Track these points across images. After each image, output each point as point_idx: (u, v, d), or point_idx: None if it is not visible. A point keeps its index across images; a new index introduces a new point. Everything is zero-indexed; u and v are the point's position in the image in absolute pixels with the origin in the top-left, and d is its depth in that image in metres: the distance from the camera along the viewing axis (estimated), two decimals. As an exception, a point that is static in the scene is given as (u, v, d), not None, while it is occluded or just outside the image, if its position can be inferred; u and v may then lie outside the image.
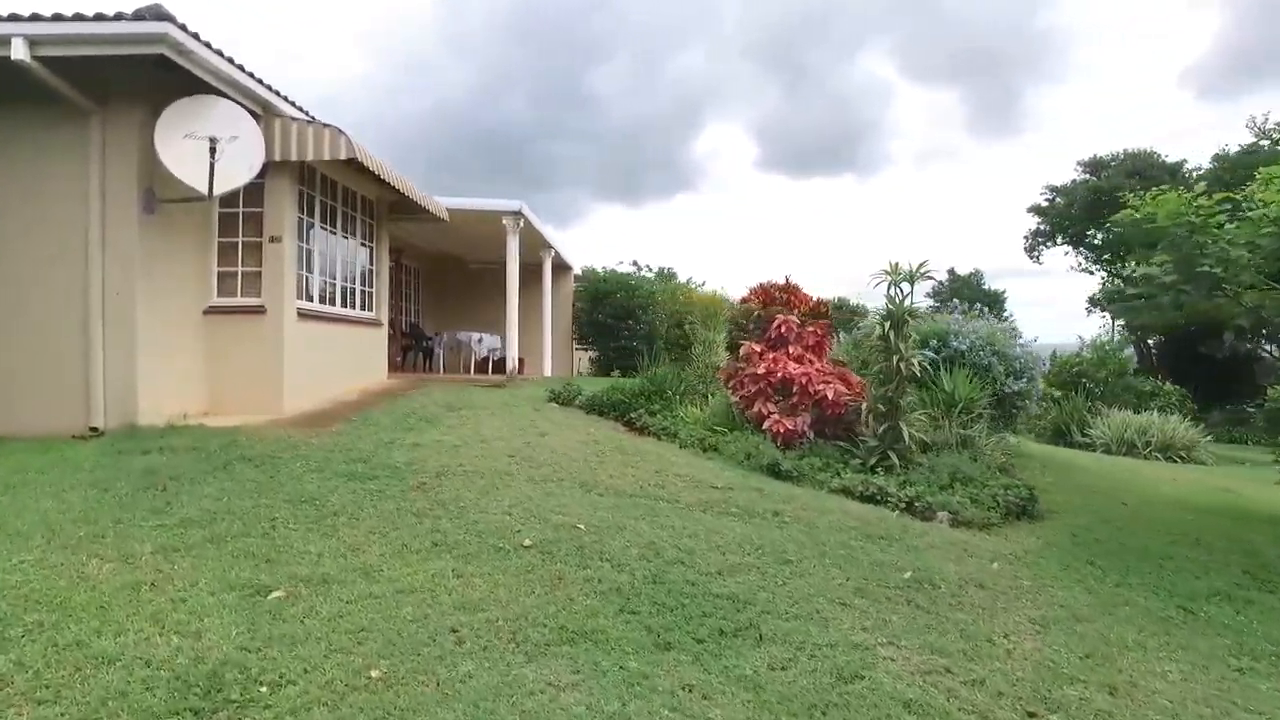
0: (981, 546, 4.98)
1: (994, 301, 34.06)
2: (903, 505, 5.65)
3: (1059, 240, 32.17)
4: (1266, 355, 27.36)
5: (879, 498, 5.79)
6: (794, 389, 7.04)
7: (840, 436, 7.14)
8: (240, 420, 6.86)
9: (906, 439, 6.37)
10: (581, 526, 4.55)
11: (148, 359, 6.52)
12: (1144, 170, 27.71)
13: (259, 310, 7.44)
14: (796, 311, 22.17)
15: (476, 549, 4.15)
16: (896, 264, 6.51)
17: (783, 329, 7.66)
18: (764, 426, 6.94)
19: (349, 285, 9.32)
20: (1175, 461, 11.38)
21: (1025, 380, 8.41)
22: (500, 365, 15.10)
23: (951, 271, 37.21)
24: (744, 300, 24.16)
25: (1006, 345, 8.48)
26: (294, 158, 7.24)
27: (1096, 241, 31.05)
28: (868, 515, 5.35)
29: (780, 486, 5.85)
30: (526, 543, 4.26)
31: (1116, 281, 32.71)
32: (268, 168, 7.30)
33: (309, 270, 8.18)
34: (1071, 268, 32.14)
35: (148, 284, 6.50)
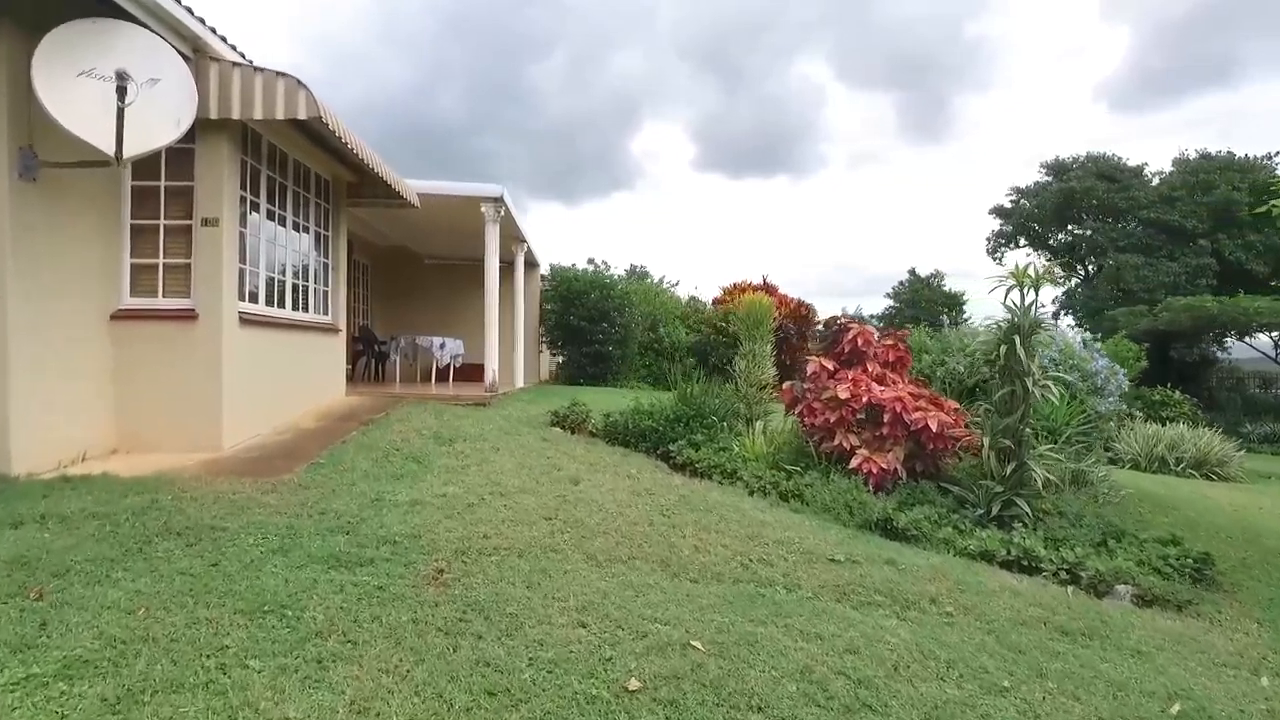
0: (1213, 644, 3.74)
1: (954, 303, 33.83)
2: (1063, 575, 4.39)
3: (1021, 242, 32.18)
4: (1221, 358, 27.88)
5: (1028, 563, 4.51)
6: (884, 418, 5.72)
7: (928, 474, 5.87)
8: (163, 462, 5.11)
9: (1039, 483, 5.14)
10: (698, 645, 3.08)
11: (25, 380, 4.72)
12: (1110, 173, 27.89)
13: (188, 315, 5.68)
14: (779, 315, 21.05)
15: (556, 700, 2.64)
16: (1024, 266, 5.26)
17: (859, 341, 6.32)
18: (852, 466, 5.58)
19: (301, 283, 7.56)
20: (1212, 479, 10.62)
21: (1112, 399, 7.38)
22: (465, 373, 13.44)
23: (912, 271, 36.91)
24: (719, 301, 22.98)
25: (1084, 358, 7.43)
26: (236, 115, 5.51)
27: (1055, 243, 31.18)
28: (1039, 596, 4.06)
29: (909, 554, 4.51)
30: (632, 684, 2.76)
31: (1073, 282, 33.03)
32: (200, 128, 5.55)
33: (253, 264, 6.43)
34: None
35: (25, 279, 4.70)
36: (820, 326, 6.95)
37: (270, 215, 6.78)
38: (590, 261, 18.72)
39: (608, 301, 16.66)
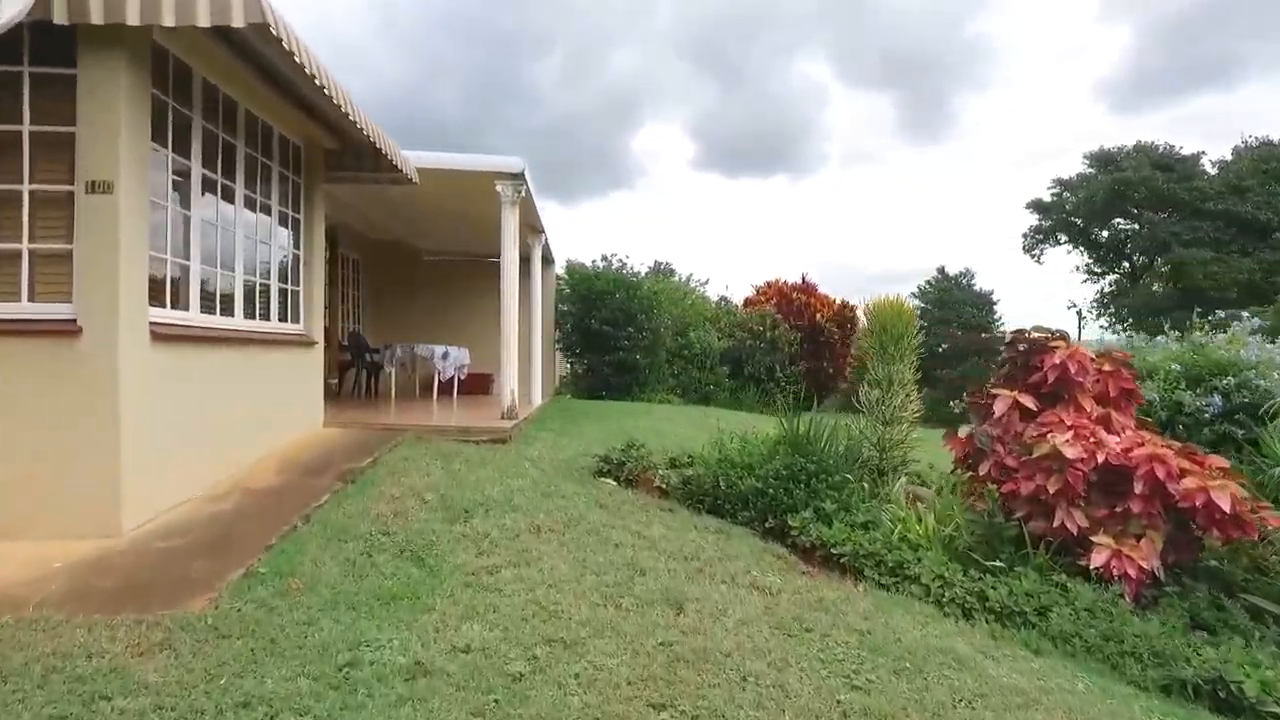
0: None
1: (984, 303, 31.73)
2: None
3: (1062, 239, 30.07)
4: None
5: None
6: (1135, 485, 3.73)
7: (1181, 565, 3.89)
8: (7, 568, 3.14)
9: None
10: None
11: None
12: (1166, 163, 25.91)
13: (68, 329, 3.72)
14: (821, 317, 19.02)
15: None
16: None
17: (1070, 367, 4.28)
18: (1095, 564, 3.60)
19: (260, 281, 5.59)
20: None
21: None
22: (470, 383, 11.47)
23: (941, 270, 34.73)
24: (751, 302, 20.87)
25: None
26: (135, 20, 3.52)
27: (1097, 238, 29.12)
28: None
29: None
30: None
31: (1107, 280, 31.04)
32: (83, 42, 3.61)
33: (179, 253, 4.45)
34: (1076, 267, 30.23)
35: None
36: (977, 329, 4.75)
37: (210, 185, 4.81)
38: (604, 259, 16.52)
39: (634, 303, 14.67)
